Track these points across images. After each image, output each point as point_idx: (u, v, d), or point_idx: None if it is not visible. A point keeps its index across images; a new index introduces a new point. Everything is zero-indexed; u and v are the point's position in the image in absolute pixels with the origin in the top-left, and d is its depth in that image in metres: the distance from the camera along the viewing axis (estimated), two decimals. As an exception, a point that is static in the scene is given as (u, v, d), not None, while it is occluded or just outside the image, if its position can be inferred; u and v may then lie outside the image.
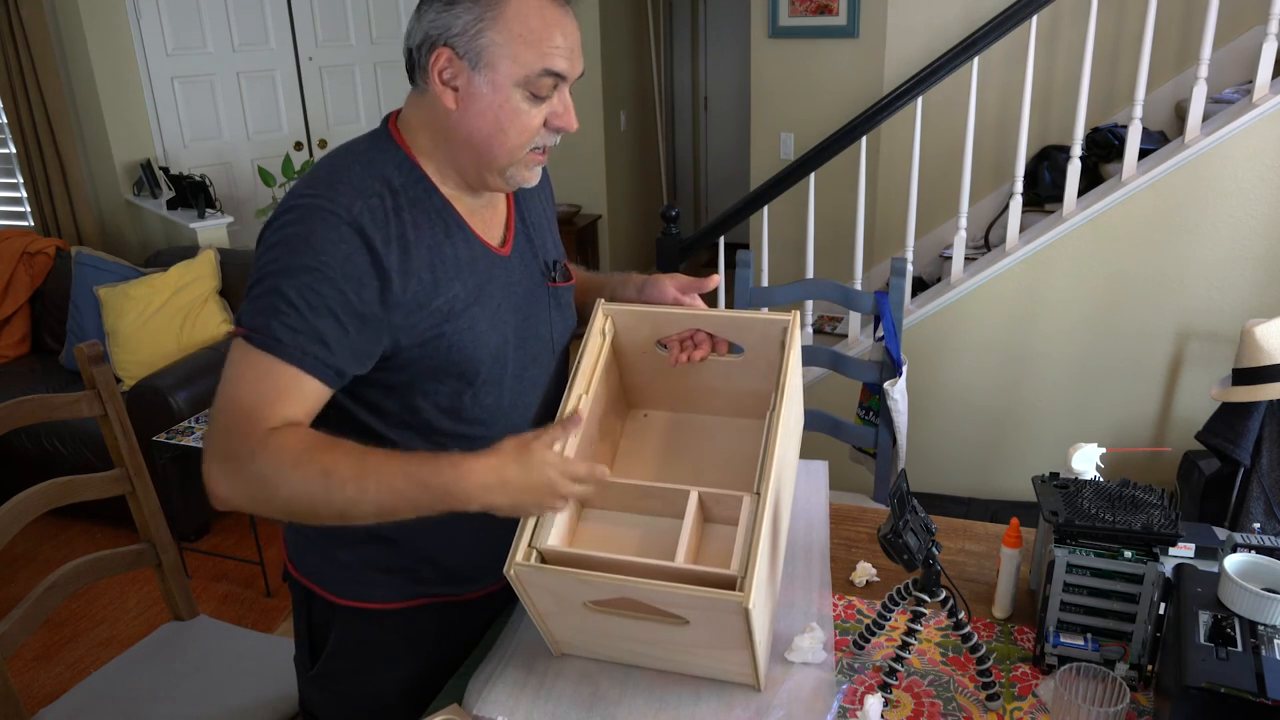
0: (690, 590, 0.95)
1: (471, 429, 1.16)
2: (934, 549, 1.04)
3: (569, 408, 1.14)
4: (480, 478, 0.98)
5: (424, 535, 1.16)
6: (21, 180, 3.88)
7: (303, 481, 0.96)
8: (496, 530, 1.19)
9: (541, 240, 1.26)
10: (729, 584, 0.97)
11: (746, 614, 0.94)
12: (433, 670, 1.26)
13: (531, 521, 1.05)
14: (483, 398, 1.16)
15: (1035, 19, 2.80)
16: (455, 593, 1.27)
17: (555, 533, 1.07)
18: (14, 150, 3.80)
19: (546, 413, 1.26)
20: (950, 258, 3.07)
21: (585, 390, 1.17)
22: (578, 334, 1.29)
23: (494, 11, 1.02)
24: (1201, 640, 0.94)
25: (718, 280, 1.25)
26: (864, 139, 3.03)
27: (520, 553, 1.02)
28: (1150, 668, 1.08)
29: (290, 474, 0.96)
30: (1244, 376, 2.33)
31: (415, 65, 1.07)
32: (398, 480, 0.98)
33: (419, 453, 1.01)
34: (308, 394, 1.01)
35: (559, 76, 1.06)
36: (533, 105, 1.06)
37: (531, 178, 1.13)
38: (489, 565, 1.24)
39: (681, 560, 1.02)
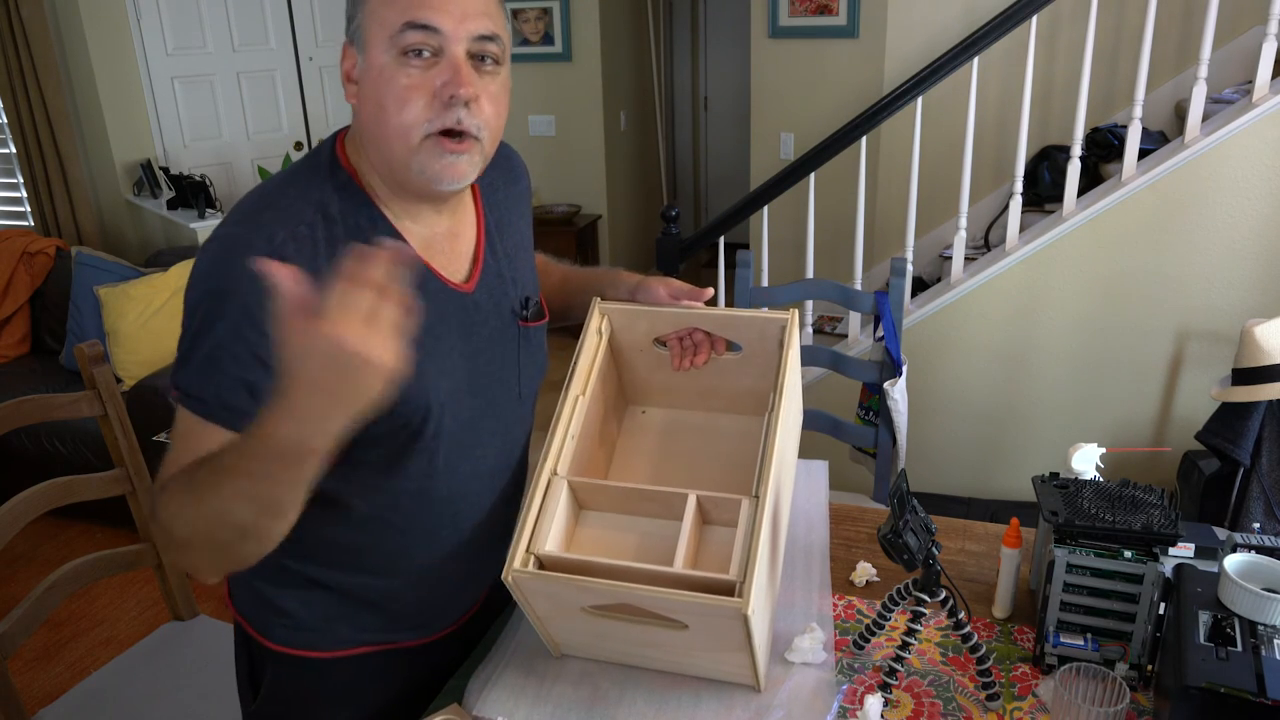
0: (689, 597, 0.95)
1: (414, 483, 1.06)
2: (934, 549, 1.04)
3: (565, 411, 1.14)
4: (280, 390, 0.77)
5: (371, 579, 1.11)
6: (21, 180, 3.88)
7: (181, 510, 0.86)
8: (452, 570, 1.16)
9: (516, 273, 1.16)
10: (728, 589, 0.97)
11: (745, 620, 0.94)
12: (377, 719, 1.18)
13: (529, 526, 1.05)
14: (428, 451, 1.05)
15: (1035, 19, 2.80)
16: (403, 639, 1.17)
17: (553, 538, 1.07)
18: (14, 150, 3.80)
19: (506, 464, 1.17)
20: (950, 258, 3.07)
21: (582, 391, 1.17)
22: (572, 331, 1.23)
23: None
24: (1201, 640, 0.94)
25: (711, 293, 1.21)
26: (864, 139, 3.02)
27: (518, 559, 1.02)
28: (1150, 668, 1.08)
29: (174, 510, 0.87)
30: (1244, 376, 2.34)
31: None
32: (242, 444, 0.81)
33: None
34: None
35: (427, 29, 0.92)
36: (404, 70, 0.93)
37: (447, 172, 0.96)
38: (443, 608, 1.20)
39: (680, 564, 1.02)
